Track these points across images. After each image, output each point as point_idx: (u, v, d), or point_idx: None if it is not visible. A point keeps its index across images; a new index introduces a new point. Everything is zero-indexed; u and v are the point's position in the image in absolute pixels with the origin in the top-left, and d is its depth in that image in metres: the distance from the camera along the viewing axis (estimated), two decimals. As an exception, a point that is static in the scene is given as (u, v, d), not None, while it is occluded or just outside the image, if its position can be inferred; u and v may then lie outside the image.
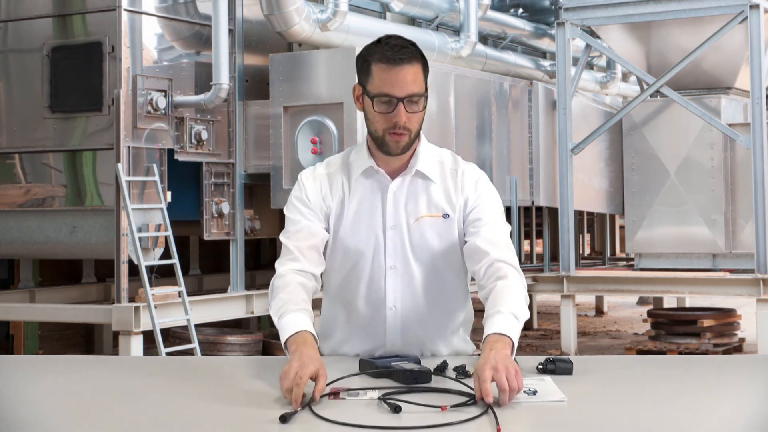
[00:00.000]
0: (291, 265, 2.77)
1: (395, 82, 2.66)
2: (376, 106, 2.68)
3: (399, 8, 9.61)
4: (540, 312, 14.25)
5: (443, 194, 2.79)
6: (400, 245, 2.78)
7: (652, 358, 2.91)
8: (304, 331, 2.55)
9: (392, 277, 2.79)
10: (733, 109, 10.23)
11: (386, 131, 2.69)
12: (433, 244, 2.78)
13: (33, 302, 8.59)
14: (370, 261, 2.79)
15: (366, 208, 2.79)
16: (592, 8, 10.09)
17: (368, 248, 2.78)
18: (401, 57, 2.67)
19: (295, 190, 2.85)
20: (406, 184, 2.79)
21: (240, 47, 8.49)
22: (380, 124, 2.69)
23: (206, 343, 8.24)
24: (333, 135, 8.08)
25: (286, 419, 2.09)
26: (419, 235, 2.78)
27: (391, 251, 2.78)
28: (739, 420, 2.19)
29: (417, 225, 2.77)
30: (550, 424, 2.13)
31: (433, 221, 2.78)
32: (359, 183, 2.80)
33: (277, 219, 9.04)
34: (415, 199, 2.78)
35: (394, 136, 2.69)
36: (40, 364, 3.08)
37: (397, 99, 2.66)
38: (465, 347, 2.93)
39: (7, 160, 8.13)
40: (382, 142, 2.72)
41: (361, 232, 2.78)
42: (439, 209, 2.78)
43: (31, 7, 8.05)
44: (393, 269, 2.78)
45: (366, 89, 2.71)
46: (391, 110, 2.67)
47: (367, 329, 2.83)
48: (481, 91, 9.91)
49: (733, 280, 9.44)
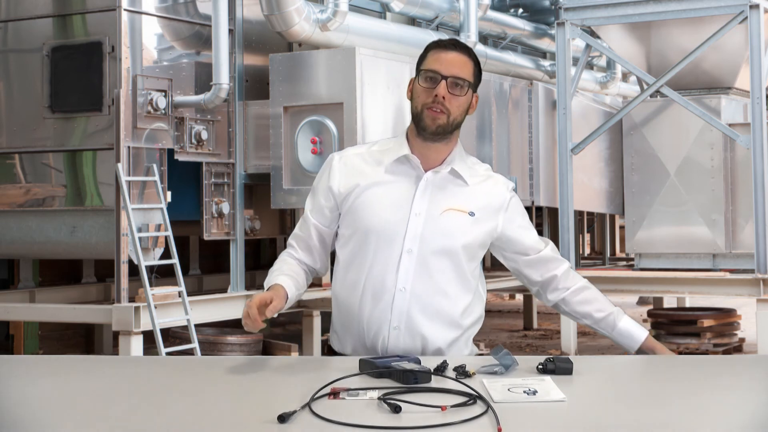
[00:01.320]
0: (289, 252, 3.04)
1: (443, 62, 2.85)
2: (422, 81, 2.86)
3: (399, 8, 9.60)
4: (540, 312, 14.25)
5: (473, 196, 2.91)
6: (421, 232, 2.86)
7: (652, 358, 2.92)
8: (275, 285, 2.82)
9: (407, 260, 2.85)
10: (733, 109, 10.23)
11: (425, 106, 2.84)
12: (453, 238, 2.87)
13: (33, 302, 8.59)
14: (388, 242, 2.86)
15: (394, 192, 2.89)
16: (592, 8, 10.08)
17: (388, 229, 2.86)
18: (455, 44, 2.90)
19: (319, 174, 3.03)
20: (438, 178, 2.91)
21: (240, 47, 8.50)
22: (421, 98, 2.85)
23: (206, 343, 8.23)
24: (333, 135, 8.07)
25: (285, 419, 2.09)
26: (441, 227, 2.87)
27: (411, 236, 2.86)
28: (739, 420, 2.18)
29: (442, 217, 2.87)
30: (550, 424, 2.13)
31: (458, 215, 2.88)
32: (393, 167, 2.91)
33: (277, 219, 9.04)
34: (444, 194, 2.90)
35: (431, 111, 2.84)
36: (40, 364, 3.08)
37: (441, 76, 2.83)
38: (465, 349, 2.94)
39: (7, 160, 8.13)
40: (419, 118, 2.86)
41: (385, 213, 2.87)
42: (467, 207, 2.89)
43: (31, 7, 8.05)
44: (409, 253, 2.85)
45: (417, 71, 2.90)
46: (435, 86, 2.83)
47: (374, 309, 2.86)
48: (481, 91, 9.87)
49: (733, 280, 9.44)
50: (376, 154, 2.95)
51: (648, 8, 9.88)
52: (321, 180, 2.99)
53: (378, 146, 2.98)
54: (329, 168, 2.97)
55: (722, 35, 9.47)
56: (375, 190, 2.90)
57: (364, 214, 2.88)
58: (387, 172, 2.91)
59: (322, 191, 2.97)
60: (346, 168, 2.94)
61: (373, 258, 2.87)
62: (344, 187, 2.92)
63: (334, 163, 2.97)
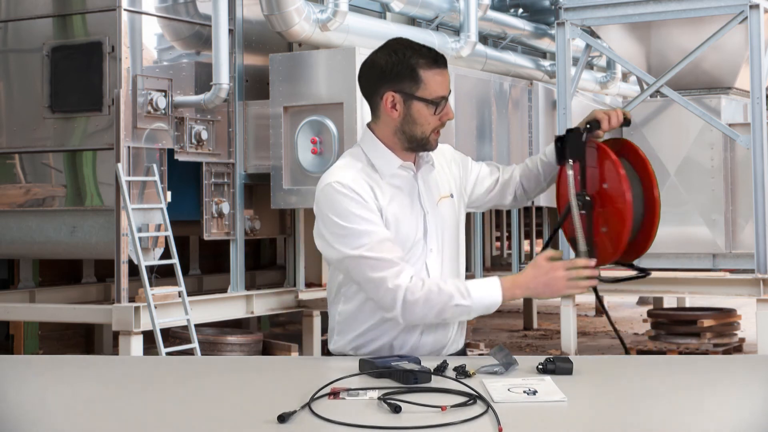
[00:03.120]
0: (406, 275, 2.74)
1: (446, 84, 2.87)
2: (432, 108, 2.85)
3: (399, 8, 9.60)
4: (540, 312, 14.25)
5: (442, 176, 3.02)
6: (434, 227, 2.93)
7: (652, 358, 2.91)
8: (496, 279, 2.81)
9: (432, 257, 2.92)
10: (733, 109, 10.23)
11: (434, 130, 2.88)
12: (451, 224, 2.99)
13: (33, 302, 8.59)
14: (416, 246, 2.89)
15: (406, 198, 2.91)
16: (592, 8, 10.08)
17: (416, 235, 2.89)
18: (443, 59, 2.88)
19: (344, 201, 2.76)
20: (425, 173, 2.96)
21: (240, 47, 8.50)
22: (432, 125, 2.87)
23: (206, 343, 8.24)
24: (333, 135, 8.07)
25: (285, 419, 2.09)
26: (442, 216, 2.96)
27: (430, 234, 2.92)
28: (739, 420, 2.19)
29: (440, 206, 2.96)
30: (550, 424, 2.13)
31: (448, 201, 2.99)
32: (395, 179, 2.90)
33: (277, 219, 9.04)
34: (436, 184, 2.98)
35: (437, 134, 2.89)
36: (40, 364, 3.08)
37: (446, 99, 2.88)
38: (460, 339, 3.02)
39: (7, 160, 8.13)
40: (426, 141, 2.89)
41: (410, 221, 2.89)
42: (447, 190, 3.00)
43: (31, 7, 8.05)
44: (431, 252, 2.92)
45: (414, 95, 2.83)
46: (443, 109, 2.87)
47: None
48: (481, 91, 9.91)
49: (733, 280, 9.44)
50: (370, 171, 2.86)
51: (648, 8, 9.87)
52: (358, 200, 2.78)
53: (361, 164, 2.87)
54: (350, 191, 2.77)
55: (722, 35, 9.47)
56: (393, 202, 2.85)
57: (393, 228, 2.83)
58: (390, 184, 2.88)
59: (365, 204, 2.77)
60: (364, 187, 2.81)
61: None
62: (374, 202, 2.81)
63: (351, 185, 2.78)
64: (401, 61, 2.82)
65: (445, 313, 2.75)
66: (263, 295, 8.68)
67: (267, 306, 8.67)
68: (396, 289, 2.72)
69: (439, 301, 2.73)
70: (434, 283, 2.75)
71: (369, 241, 2.74)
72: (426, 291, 2.72)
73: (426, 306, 2.73)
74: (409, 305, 2.73)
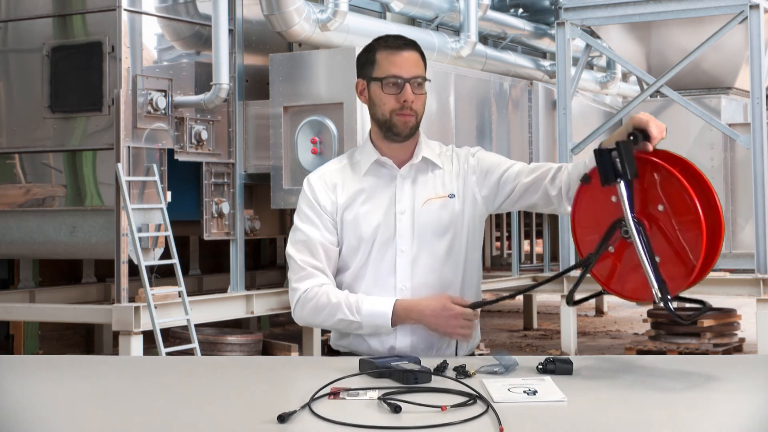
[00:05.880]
0: (311, 282, 2.88)
1: (402, 64, 2.86)
2: (385, 88, 2.86)
3: (399, 8, 9.61)
4: (540, 312, 14.25)
5: (448, 177, 2.94)
6: (409, 228, 2.89)
7: (652, 358, 2.91)
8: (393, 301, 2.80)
9: (401, 260, 2.89)
10: (733, 109, 10.23)
11: (393, 112, 2.86)
12: (441, 226, 2.91)
13: (33, 302, 8.59)
14: (383, 246, 2.88)
15: (378, 196, 2.91)
16: (592, 8, 10.09)
17: (382, 234, 2.89)
18: (404, 43, 2.90)
19: (302, 195, 2.96)
20: (413, 171, 2.94)
21: (240, 47, 8.49)
22: (388, 105, 2.87)
23: (206, 343, 8.24)
24: (333, 135, 8.07)
25: (285, 419, 2.09)
26: (427, 218, 2.90)
27: (401, 235, 2.89)
28: (739, 420, 2.18)
29: (425, 208, 2.90)
30: (550, 424, 2.13)
31: (440, 202, 2.92)
32: (369, 175, 2.93)
33: (277, 219, 9.04)
34: (424, 184, 2.93)
35: (401, 116, 2.87)
36: (40, 364, 3.08)
37: (403, 80, 2.85)
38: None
39: (7, 160, 8.13)
40: (390, 125, 2.88)
41: (374, 220, 2.89)
42: (446, 190, 2.93)
43: (31, 7, 8.05)
44: (402, 252, 2.89)
45: (371, 77, 2.89)
46: (399, 91, 2.85)
47: None
48: (481, 91, 9.91)
49: (733, 280, 9.44)
50: (348, 167, 2.97)
51: (648, 8, 9.88)
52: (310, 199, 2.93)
53: (347, 159, 3.00)
54: (310, 189, 2.94)
55: (722, 35, 9.47)
56: (358, 199, 2.92)
57: (353, 226, 2.90)
58: (364, 181, 2.92)
59: (315, 205, 2.92)
60: (326, 185, 2.94)
61: (369, 265, 2.89)
62: (330, 204, 2.92)
63: (313, 183, 2.95)
64: (367, 50, 2.94)
65: (328, 322, 2.86)
66: (263, 295, 8.68)
67: (267, 306, 8.67)
68: (295, 290, 2.89)
69: (326, 312, 2.84)
70: (328, 294, 2.84)
71: (301, 239, 2.90)
72: (317, 299, 2.85)
73: (313, 312, 2.86)
74: (299, 308, 2.88)
